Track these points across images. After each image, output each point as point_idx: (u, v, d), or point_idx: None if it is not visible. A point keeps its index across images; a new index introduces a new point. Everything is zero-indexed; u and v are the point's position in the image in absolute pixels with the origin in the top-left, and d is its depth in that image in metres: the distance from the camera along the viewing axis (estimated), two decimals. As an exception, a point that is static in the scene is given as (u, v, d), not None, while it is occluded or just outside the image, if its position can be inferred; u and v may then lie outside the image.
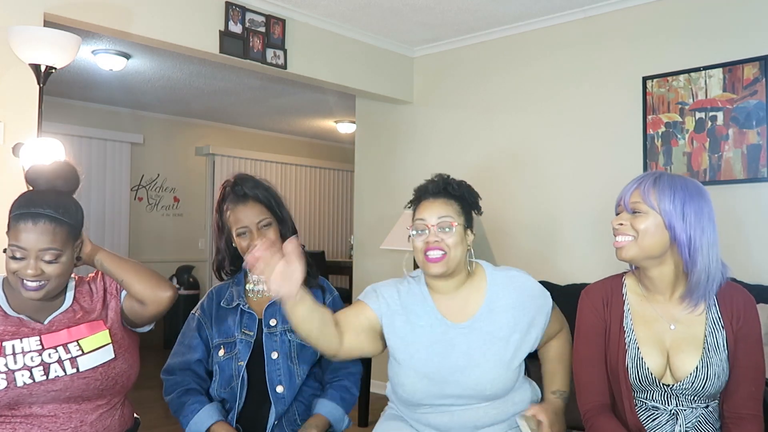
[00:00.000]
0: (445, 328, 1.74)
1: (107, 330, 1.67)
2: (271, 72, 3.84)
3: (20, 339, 1.58)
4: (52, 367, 1.57)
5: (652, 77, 3.50)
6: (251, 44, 3.60)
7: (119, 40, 4.13)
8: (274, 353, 1.89)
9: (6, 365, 1.53)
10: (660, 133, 3.46)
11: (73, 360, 1.59)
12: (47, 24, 2.88)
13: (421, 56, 4.57)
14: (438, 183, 1.80)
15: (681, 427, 1.61)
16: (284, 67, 3.77)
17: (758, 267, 3.13)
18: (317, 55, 3.97)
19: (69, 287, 1.72)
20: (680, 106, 3.40)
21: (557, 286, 3.56)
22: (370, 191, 4.87)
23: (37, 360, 1.56)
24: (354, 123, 5.84)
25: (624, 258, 1.63)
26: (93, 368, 1.60)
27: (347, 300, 2.07)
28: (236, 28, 3.53)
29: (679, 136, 3.40)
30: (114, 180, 6.37)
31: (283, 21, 3.76)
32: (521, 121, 4.05)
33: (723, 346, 1.61)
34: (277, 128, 7.54)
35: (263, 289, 1.97)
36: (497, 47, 4.17)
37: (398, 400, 1.83)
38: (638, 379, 1.62)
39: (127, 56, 4.63)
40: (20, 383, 1.53)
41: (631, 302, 1.70)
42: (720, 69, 3.28)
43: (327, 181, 8.32)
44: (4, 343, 1.56)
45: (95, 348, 1.63)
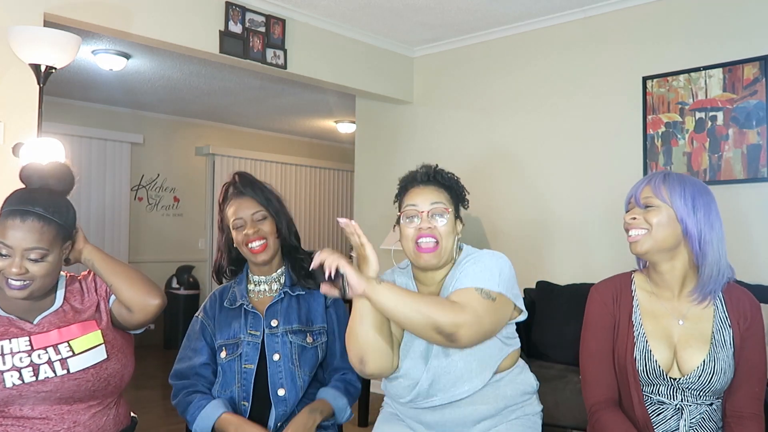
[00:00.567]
0: None
1: (99, 330, 1.64)
2: (271, 72, 3.84)
3: (9, 339, 1.56)
4: (42, 368, 1.54)
5: (652, 77, 3.50)
6: (251, 44, 3.60)
7: (119, 40, 4.13)
8: (276, 355, 1.88)
9: None
10: (660, 133, 3.46)
11: (64, 361, 1.56)
12: (47, 24, 2.88)
13: (421, 56, 4.57)
14: (427, 171, 1.75)
15: (686, 422, 1.62)
16: (284, 67, 3.77)
17: (759, 267, 3.13)
18: (317, 55, 3.97)
19: (59, 286, 1.69)
20: (680, 106, 3.40)
21: (557, 286, 3.57)
22: (370, 191, 4.87)
23: (27, 361, 1.54)
24: (354, 123, 5.84)
25: (638, 252, 1.66)
26: (84, 369, 1.58)
27: (348, 300, 2.05)
28: (236, 28, 3.53)
29: (679, 136, 3.40)
30: (114, 180, 6.37)
31: (283, 21, 3.76)
32: (521, 121, 4.05)
33: (730, 343, 1.64)
34: (277, 128, 7.54)
35: (265, 289, 1.98)
36: (497, 47, 4.18)
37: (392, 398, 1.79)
38: (645, 372, 1.64)
39: (127, 56, 4.63)
40: (9, 384, 1.51)
41: (640, 298, 1.72)
42: (720, 69, 3.28)
43: (327, 181, 8.32)
44: None
45: (87, 349, 1.60)
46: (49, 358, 1.56)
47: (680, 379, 1.63)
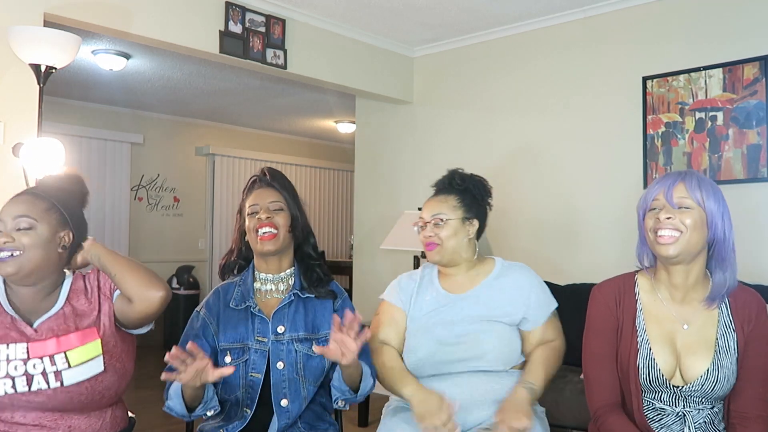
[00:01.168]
0: (447, 300, 1.96)
1: (99, 339, 1.60)
2: (271, 72, 3.84)
3: (7, 345, 1.54)
4: (36, 379, 1.52)
5: (652, 77, 3.50)
6: (251, 44, 3.60)
7: (119, 40, 4.13)
8: (280, 363, 1.79)
9: None
10: (660, 133, 3.46)
11: (58, 373, 1.53)
12: (47, 24, 2.88)
13: (421, 56, 4.57)
14: (444, 179, 2.07)
15: (690, 428, 1.60)
16: (284, 67, 3.77)
17: (759, 267, 3.13)
18: (317, 55, 3.97)
19: (64, 284, 1.66)
20: (680, 106, 3.40)
21: (557, 286, 3.56)
22: (370, 191, 4.87)
23: (21, 369, 1.52)
24: (354, 123, 5.84)
25: (669, 254, 1.58)
26: (78, 383, 1.54)
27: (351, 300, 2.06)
28: (236, 28, 3.53)
29: (679, 136, 3.40)
30: (114, 180, 6.36)
31: (283, 21, 3.76)
32: (521, 121, 4.05)
33: (734, 349, 1.61)
34: (277, 128, 7.54)
35: (272, 289, 1.90)
36: (497, 47, 4.17)
37: (414, 371, 1.92)
38: (648, 380, 1.62)
39: (127, 56, 4.63)
40: (1, 392, 1.49)
41: (644, 301, 1.68)
42: (720, 69, 3.28)
43: (327, 181, 8.32)
44: None
45: (83, 361, 1.56)
46: (44, 369, 1.53)
47: (683, 387, 1.60)
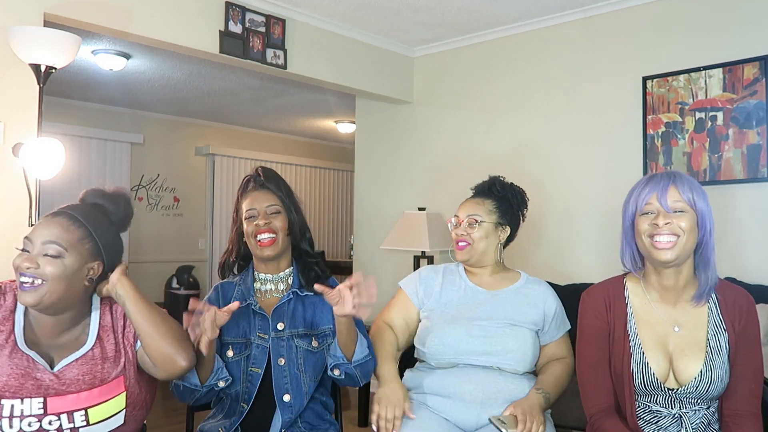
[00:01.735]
0: (474, 294, 2.04)
1: (125, 393, 1.49)
2: (271, 72, 3.84)
3: (21, 399, 1.39)
4: None
5: (652, 77, 3.50)
6: (251, 44, 3.60)
7: (119, 40, 4.13)
8: (281, 359, 1.83)
9: (1, 428, 1.38)
10: (660, 133, 3.46)
11: (75, 430, 1.43)
12: (47, 24, 2.88)
13: (421, 56, 4.57)
14: (484, 184, 2.14)
15: (687, 429, 1.61)
16: (284, 67, 3.77)
17: (758, 267, 3.13)
18: (317, 55, 3.97)
19: (92, 318, 1.54)
20: (680, 106, 3.40)
21: (557, 286, 3.56)
22: (370, 191, 4.87)
23: (35, 426, 1.39)
24: (354, 123, 5.84)
25: (668, 259, 1.58)
26: None
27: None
28: (236, 28, 3.53)
29: (679, 136, 3.40)
30: (114, 180, 6.35)
31: (283, 21, 3.75)
32: (521, 122, 4.05)
33: (725, 348, 1.62)
34: (277, 128, 7.54)
35: (271, 289, 1.93)
36: (497, 47, 4.17)
37: (433, 357, 1.96)
38: (643, 385, 1.62)
39: (127, 56, 4.63)
40: None
41: (635, 305, 1.69)
42: (720, 69, 3.28)
43: (327, 181, 8.32)
44: (3, 401, 1.39)
45: (104, 419, 1.46)
46: (60, 426, 1.42)
47: (678, 390, 1.61)
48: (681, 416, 1.61)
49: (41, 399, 1.40)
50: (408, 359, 2.16)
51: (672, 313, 1.65)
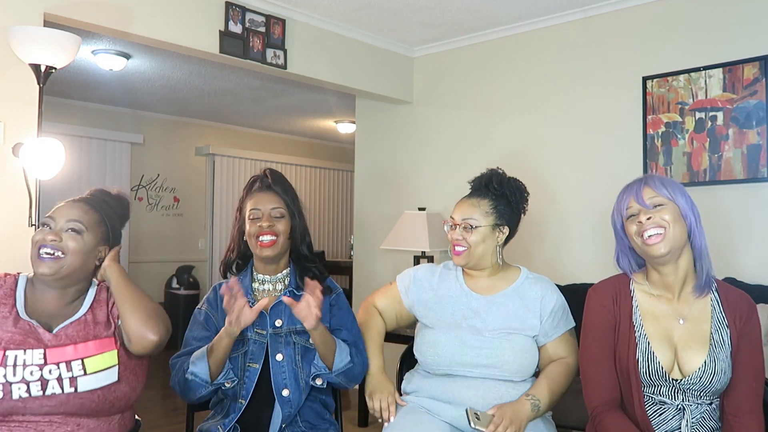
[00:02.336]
0: (469, 298, 1.98)
1: (116, 350, 1.64)
2: (271, 72, 3.84)
3: (24, 350, 1.55)
4: (50, 384, 1.54)
5: (652, 77, 3.50)
6: (251, 44, 3.60)
7: (119, 40, 4.13)
8: (279, 355, 1.87)
9: (5, 376, 1.51)
10: (660, 133, 3.46)
11: (73, 379, 1.56)
12: (47, 24, 2.88)
13: (421, 56, 4.57)
14: (481, 180, 2.04)
15: (687, 422, 1.63)
16: (284, 67, 3.77)
17: (758, 267, 3.13)
18: (317, 55, 3.97)
19: (89, 293, 1.72)
20: (680, 106, 3.40)
21: (557, 286, 3.56)
22: (370, 191, 4.87)
23: (37, 375, 1.53)
24: (354, 123, 5.84)
25: (661, 253, 1.65)
26: (91, 390, 1.57)
27: (349, 299, 2.09)
28: (236, 28, 3.53)
29: (679, 136, 3.40)
30: (114, 180, 6.35)
31: (283, 21, 3.76)
32: (521, 121, 4.05)
33: (728, 343, 1.65)
34: (277, 128, 7.54)
35: (270, 289, 1.96)
36: (497, 47, 4.17)
37: (428, 367, 1.96)
38: (648, 374, 1.65)
39: (127, 56, 4.63)
40: (15, 396, 1.51)
41: (640, 299, 1.73)
42: (720, 69, 3.28)
43: (327, 181, 8.32)
44: (8, 353, 1.54)
45: (99, 369, 1.59)
46: (60, 375, 1.55)
47: (682, 380, 1.64)
48: (684, 408, 1.64)
49: (42, 350, 1.57)
50: (408, 361, 2.16)
51: (676, 307, 1.70)
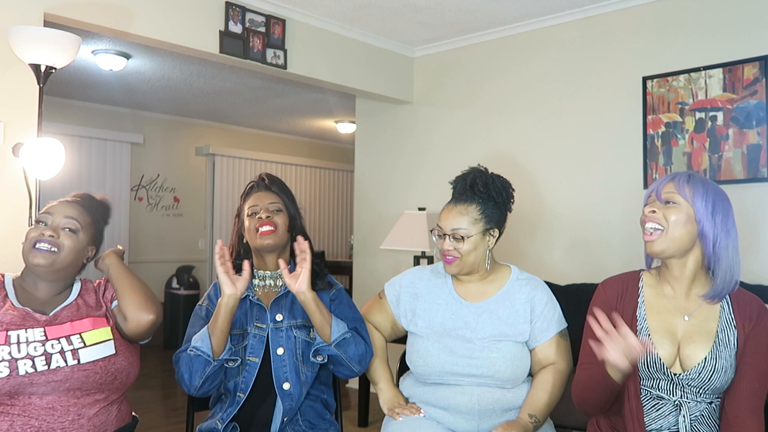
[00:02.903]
0: (459, 306, 1.95)
1: (109, 327, 1.73)
2: (271, 72, 3.84)
3: (25, 329, 1.63)
4: (54, 357, 1.61)
5: (652, 77, 3.50)
6: (251, 44, 3.60)
7: (119, 40, 4.13)
8: (280, 349, 1.88)
9: (10, 353, 1.57)
10: (660, 133, 3.46)
11: (75, 351, 1.63)
12: (47, 24, 2.88)
13: (421, 56, 4.57)
14: (464, 183, 1.96)
15: (685, 419, 1.63)
16: (284, 67, 3.77)
17: (759, 267, 3.14)
18: (317, 55, 3.97)
19: (74, 285, 1.81)
20: (680, 106, 3.40)
21: (557, 286, 3.56)
22: (370, 191, 4.87)
23: (40, 350, 1.61)
24: (354, 123, 5.84)
25: (654, 251, 1.66)
26: (93, 361, 1.64)
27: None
28: (236, 28, 3.53)
29: (679, 136, 3.40)
30: (114, 180, 6.36)
31: (283, 21, 3.76)
32: (521, 121, 4.05)
33: (733, 344, 1.65)
34: (277, 128, 7.54)
35: (271, 284, 1.98)
36: (497, 47, 4.18)
37: (419, 376, 1.95)
38: (646, 365, 1.65)
39: (127, 56, 4.63)
40: (22, 372, 1.56)
41: (646, 295, 1.74)
42: (720, 69, 3.28)
43: (327, 181, 8.32)
44: (10, 333, 1.61)
45: (97, 342, 1.68)
46: (62, 348, 1.63)
47: (681, 375, 1.64)
48: (681, 404, 1.64)
49: (42, 329, 1.66)
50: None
51: (684, 305, 1.70)
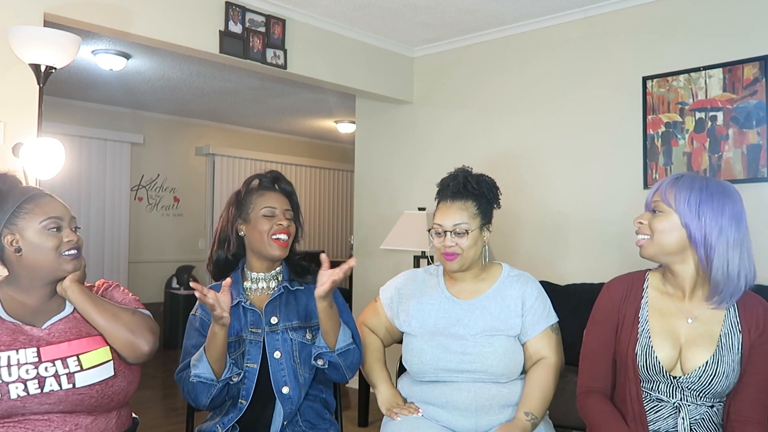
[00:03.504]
0: (452, 305, 1.97)
1: (108, 347, 1.63)
2: (271, 72, 3.84)
3: (16, 350, 1.53)
4: (48, 381, 1.53)
5: (652, 77, 3.50)
6: (251, 44, 3.60)
7: (119, 40, 4.13)
8: (277, 352, 1.86)
9: (0, 377, 1.50)
10: (660, 133, 3.46)
11: (71, 375, 1.55)
12: (47, 24, 2.88)
13: (421, 56, 4.57)
14: (458, 181, 1.99)
15: (684, 421, 1.62)
16: (284, 67, 3.77)
17: (759, 267, 3.11)
18: (317, 55, 3.97)
19: None
20: (680, 106, 3.40)
21: (557, 286, 3.57)
22: (370, 191, 4.87)
23: (33, 373, 1.52)
24: (354, 123, 5.84)
25: (644, 256, 1.70)
26: (90, 385, 1.56)
27: (347, 299, 2.09)
28: (236, 28, 3.53)
29: (679, 136, 3.40)
30: (114, 180, 6.37)
31: (283, 21, 3.76)
32: (521, 121, 4.05)
33: (737, 349, 1.63)
34: (277, 128, 7.54)
35: (264, 287, 1.96)
36: (497, 47, 4.18)
37: (415, 375, 1.96)
38: (645, 368, 1.65)
39: (127, 56, 4.63)
40: (14, 395, 1.49)
41: (651, 296, 1.73)
42: (720, 69, 3.28)
43: (327, 181, 8.32)
44: (0, 354, 1.52)
45: (95, 365, 1.58)
46: (56, 372, 1.54)
47: (680, 378, 1.62)
48: (680, 407, 1.63)
49: (35, 349, 1.55)
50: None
51: (687, 307, 1.69)
